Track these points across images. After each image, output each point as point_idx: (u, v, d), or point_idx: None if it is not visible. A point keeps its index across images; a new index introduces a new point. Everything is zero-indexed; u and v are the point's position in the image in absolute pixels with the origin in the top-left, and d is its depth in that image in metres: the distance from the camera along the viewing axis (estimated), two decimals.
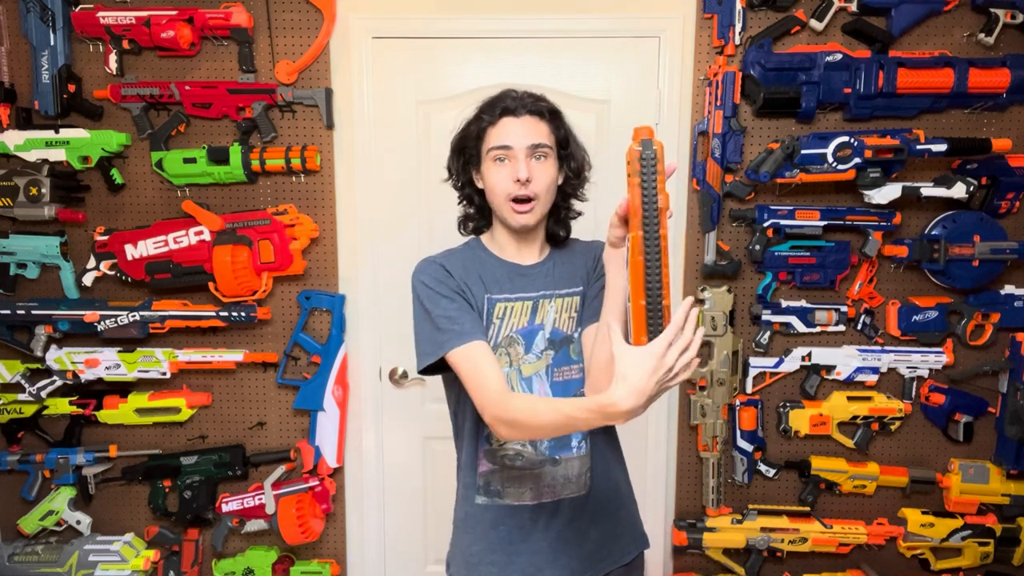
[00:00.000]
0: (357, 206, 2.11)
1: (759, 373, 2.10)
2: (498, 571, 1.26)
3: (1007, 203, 2.02)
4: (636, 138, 0.92)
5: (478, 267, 1.27)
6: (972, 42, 2.01)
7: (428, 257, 1.28)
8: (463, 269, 1.25)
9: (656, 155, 0.91)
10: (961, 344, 2.09)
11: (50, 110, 1.99)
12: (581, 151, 1.29)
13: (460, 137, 1.27)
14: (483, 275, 1.25)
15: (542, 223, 1.28)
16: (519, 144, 1.19)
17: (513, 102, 1.21)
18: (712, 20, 2.00)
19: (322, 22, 2.03)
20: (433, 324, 1.19)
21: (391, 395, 2.20)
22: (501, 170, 1.20)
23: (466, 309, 1.20)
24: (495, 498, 1.26)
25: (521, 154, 1.18)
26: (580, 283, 1.29)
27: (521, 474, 1.25)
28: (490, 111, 1.22)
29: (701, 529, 2.11)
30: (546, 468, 1.25)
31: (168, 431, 2.18)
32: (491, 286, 1.25)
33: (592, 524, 1.29)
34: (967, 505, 2.10)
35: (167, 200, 2.09)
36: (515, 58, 2.07)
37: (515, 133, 1.19)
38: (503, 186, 1.20)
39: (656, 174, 0.91)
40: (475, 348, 1.15)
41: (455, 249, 1.32)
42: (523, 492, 1.25)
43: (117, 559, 2.06)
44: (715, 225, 2.04)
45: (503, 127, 1.20)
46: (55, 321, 2.04)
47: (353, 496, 2.22)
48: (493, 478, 1.26)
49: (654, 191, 0.91)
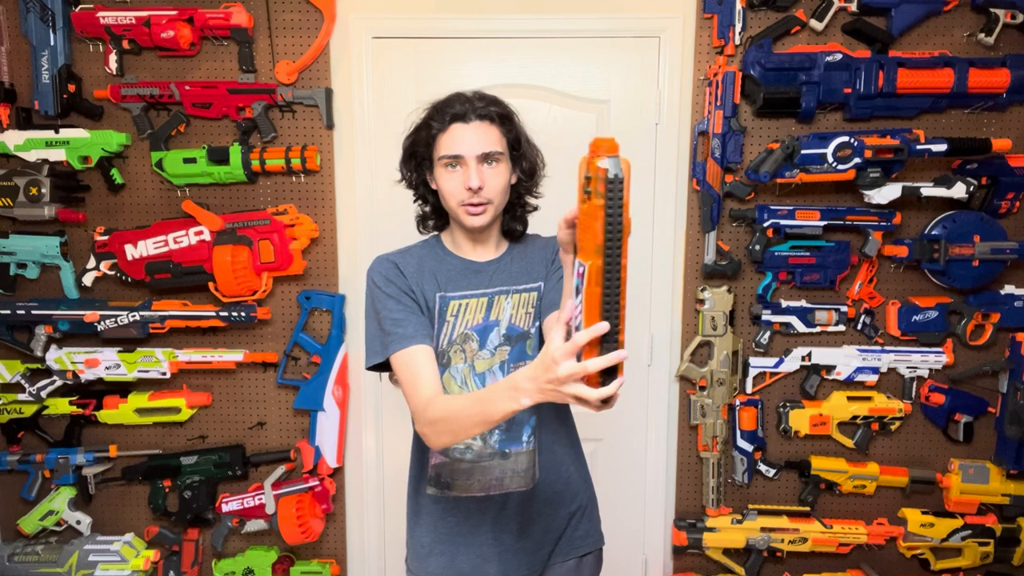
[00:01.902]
0: (357, 206, 2.11)
1: (759, 373, 2.10)
2: (447, 561, 1.28)
3: (1007, 203, 2.02)
4: (597, 151, 0.80)
5: (433, 264, 1.28)
6: (972, 42, 2.01)
7: (383, 254, 1.29)
8: (417, 267, 1.27)
9: (623, 176, 0.79)
10: (961, 344, 2.09)
11: (50, 110, 1.99)
12: (533, 151, 1.30)
13: (411, 142, 1.28)
14: (437, 273, 1.27)
15: (497, 220, 1.30)
16: (469, 152, 1.19)
17: (462, 107, 1.21)
18: (712, 20, 2.00)
19: (322, 22, 2.03)
20: (379, 324, 1.21)
21: (391, 395, 2.20)
22: (453, 177, 1.21)
23: (413, 310, 1.22)
24: (444, 490, 1.28)
25: (472, 162, 1.19)
26: (538, 278, 1.29)
27: (471, 467, 1.26)
28: (439, 117, 1.22)
29: (701, 529, 2.11)
30: (495, 461, 1.26)
31: (168, 431, 2.18)
32: (445, 284, 1.26)
33: (537, 517, 1.30)
34: (967, 505, 2.10)
35: (167, 200, 2.09)
36: (515, 58, 2.07)
37: (465, 141, 1.19)
38: (455, 193, 1.21)
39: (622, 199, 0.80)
40: (414, 353, 1.17)
41: (413, 246, 1.34)
42: (471, 484, 1.26)
43: (117, 559, 2.06)
44: (715, 225, 2.04)
45: (453, 134, 1.20)
46: (55, 321, 2.04)
47: (353, 496, 2.22)
48: (443, 470, 1.28)
49: (619, 216, 0.80)
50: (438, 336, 1.25)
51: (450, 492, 1.28)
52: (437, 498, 1.29)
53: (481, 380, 1.26)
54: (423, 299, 1.24)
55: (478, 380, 1.26)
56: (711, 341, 2.05)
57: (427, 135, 1.24)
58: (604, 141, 0.80)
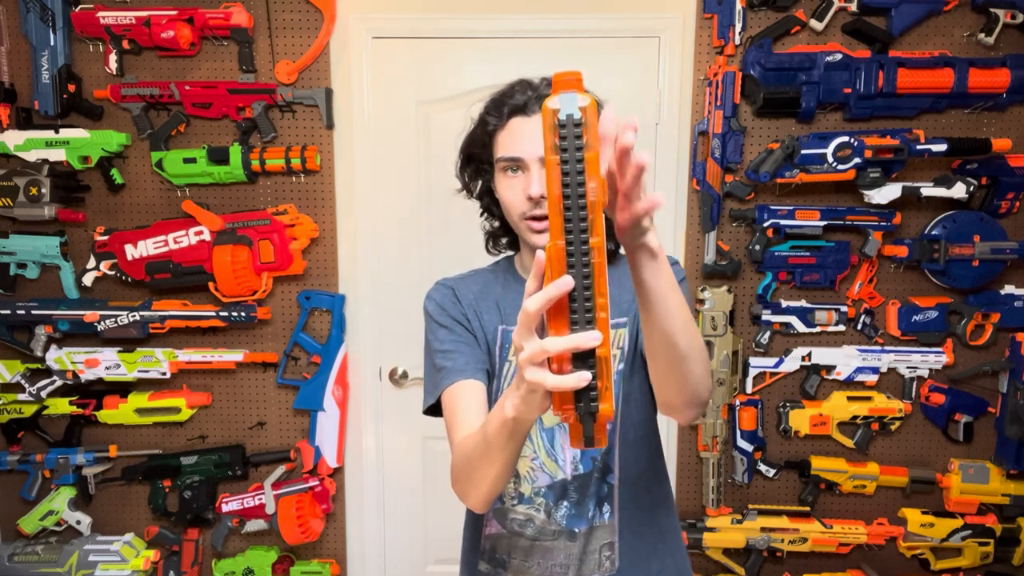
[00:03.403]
0: (357, 206, 2.11)
1: (759, 373, 2.10)
2: None
3: (1007, 203, 2.02)
4: (555, 89, 0.59)
5: (498, 292, 1.07)
6: (972, 42, 2.01)
7: (443, 279, 1.11)
8: (479, 293, 1.08)
9: (583, 120, 0.57)
10: (961, 344, 2.09)
11: (50, 110, 1.99)
12: None
13: (467, 143, 1.06)
14: (502, 301, 1.06)
15: None
16: (531, 154, 0.95)
17: (523, 97, 0.98)
18: (712, 20, 2.00)
19: (322, 22, 2.03)
20: (432, 359, 1.04)
21: (391, 395, 2.20)
22: (513, 183, 0.98)
23: (467, 341, 1.03)
24: (499, 568, 1.07)
25: (535, 166, 0.95)
26: (628, 311, 1.03)
27: (530, 545, 1.03)
28: (497, 111, 1.00)
29: (701, 529, 2.11)
30: (559, 543, 1.03)
31: (168, 431, 2.18)
32: (510, 315, 1.05)
33: None
34: (967, 505, 2.10)
35: (167, 200, 2.09)
36: (515, 58, 2.07)
37: (525, 139, 0.96)
38: (516, 204, 0.98)
39: (582, 149, 0.58)
40: (460, 390, 0.97)
41: (480, 269, 1.14)
42: (529, 567, 1.04)
43: (117, 559, 2.06)
44: (715, 225, 2.04)
45: (512, 131, 0.98)
46: (55, 321, 2.04)
47: (353, 496, 2.22)
48: (499, 544, 1.06)
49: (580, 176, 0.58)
50: (498, 376, 1.04)
51: (504, 573, 1.06)
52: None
53: (549, 437, 1.03)
54: (481, 331, 1.05)
55: (545, 436, 1.03)
56: (711, 341, 2.05)
57: (483, 133, 1.02)
58: (564, 75, 0.59)
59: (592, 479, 1.02)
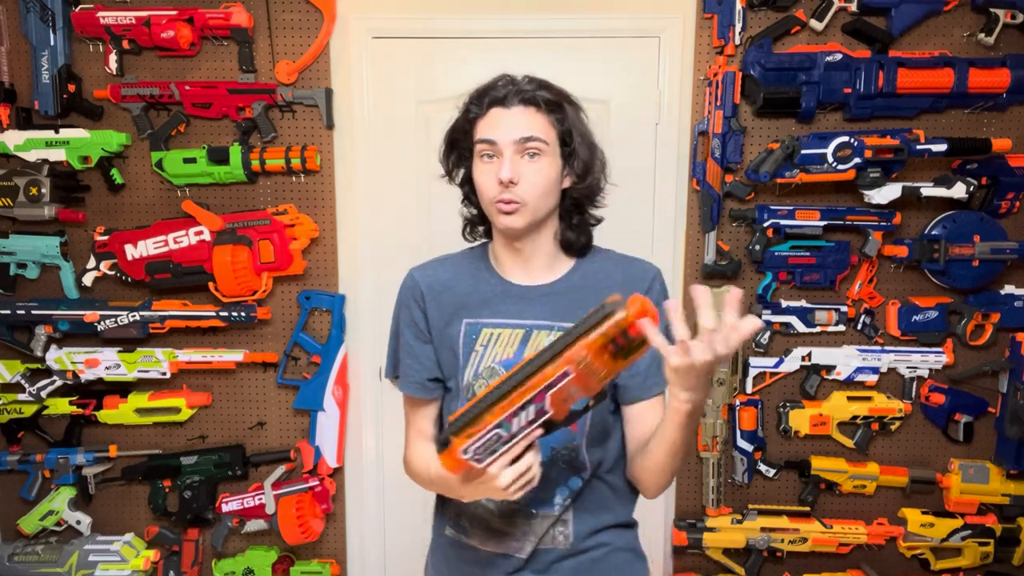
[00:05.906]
0: (357, 206, 2.11)
1: (759, 373, 2.10)
2: None
3: (1007, 203, 2.02)
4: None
5: (469, 283, 1.12)
6: (972, 42, 2.01)
7: (418, 266, 1.17)
8: (447, 282, 1.13)
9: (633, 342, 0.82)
10: (961, 344, 2.09)
11: (50, 110, 1.99)
12: (589, 148, 1.08)
13: (451, 131, 1.12)
14: (472, 294, 1.10)
15: (547, 234, 1.09)
16: (504, 138, 1.01)
17: (503, 89, 1.04)
18: (712, 20, 2.00)
19: (322, 22, 2.03)
20: (398, 344, 1.16)
21: (391, 395, 2.19)
22: (487, 169, 1.03)
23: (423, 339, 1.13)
24: (461, 534, 1.14)
25: (507, 150, 1.01)
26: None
27: (490, 516, 1.09)
28: (479, 101, 1.06)
29: (701, 529, 2.11)
30: (517, 520, 1.08)
31: (168, 431, 2.18)
32: (479, 308, 1.09)
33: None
34: (967, 505, 2.10)
35: (167, 200, 2.09)
36: (515, 58, 2.04)
37: (501, 126, 1.02)
38: (487, 188, 1.03)
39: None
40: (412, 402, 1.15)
41: (456, 255, 1.18)
42: (487, 538, 1.10)
43: (117, 559, 2.06)
44: (715, 225, 2.04)
45: (490, 119, 1.03)
46: (55, 321, 2.04)
47: (353, 496, 2.22)
48: (464, 511, 1.13)
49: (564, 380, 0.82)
50: (464, 367, 1.08)
51: (465, 539, 1.13)
52: (453, 541, 1.15)
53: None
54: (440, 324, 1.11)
55: None
56: None
57: (465, 120, 1.07)
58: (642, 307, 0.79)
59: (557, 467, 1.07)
